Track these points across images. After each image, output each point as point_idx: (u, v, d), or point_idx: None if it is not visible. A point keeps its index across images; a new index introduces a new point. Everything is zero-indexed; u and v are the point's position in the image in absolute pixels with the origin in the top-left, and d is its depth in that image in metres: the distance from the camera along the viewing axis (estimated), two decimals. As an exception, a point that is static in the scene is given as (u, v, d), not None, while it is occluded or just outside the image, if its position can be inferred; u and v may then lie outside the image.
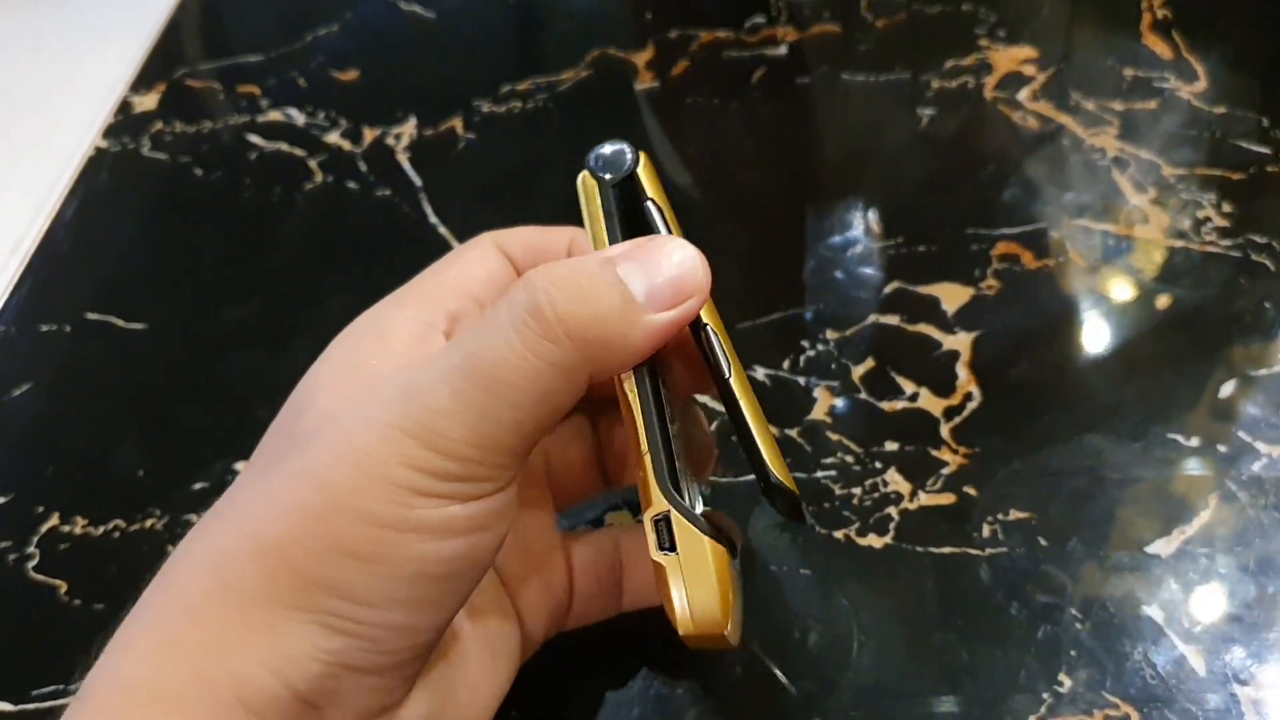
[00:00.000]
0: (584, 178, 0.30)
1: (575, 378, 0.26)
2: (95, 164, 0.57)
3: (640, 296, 0.27)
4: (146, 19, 0.68)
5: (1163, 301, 0.45)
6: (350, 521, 0.25)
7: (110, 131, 0.58)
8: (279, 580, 0.25)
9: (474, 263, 0.31)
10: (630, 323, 0.26)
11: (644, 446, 0.28)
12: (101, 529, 0.41)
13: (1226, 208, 0.48)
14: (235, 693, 0.25)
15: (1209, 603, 0.35)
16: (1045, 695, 0.33)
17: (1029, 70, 0.55)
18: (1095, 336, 0.44)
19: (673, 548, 0.28)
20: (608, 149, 0.30)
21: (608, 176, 0.30)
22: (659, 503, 0.28)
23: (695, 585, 0.28)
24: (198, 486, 0.42)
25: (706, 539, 0.28)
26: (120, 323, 0.48)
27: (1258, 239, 0.46)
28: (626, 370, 0.28)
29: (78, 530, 0.41)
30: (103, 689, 0.25)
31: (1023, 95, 0.54)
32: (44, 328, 0.49)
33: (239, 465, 0.42)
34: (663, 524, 0.28)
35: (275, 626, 0.25)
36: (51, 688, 0.36)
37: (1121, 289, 0.45)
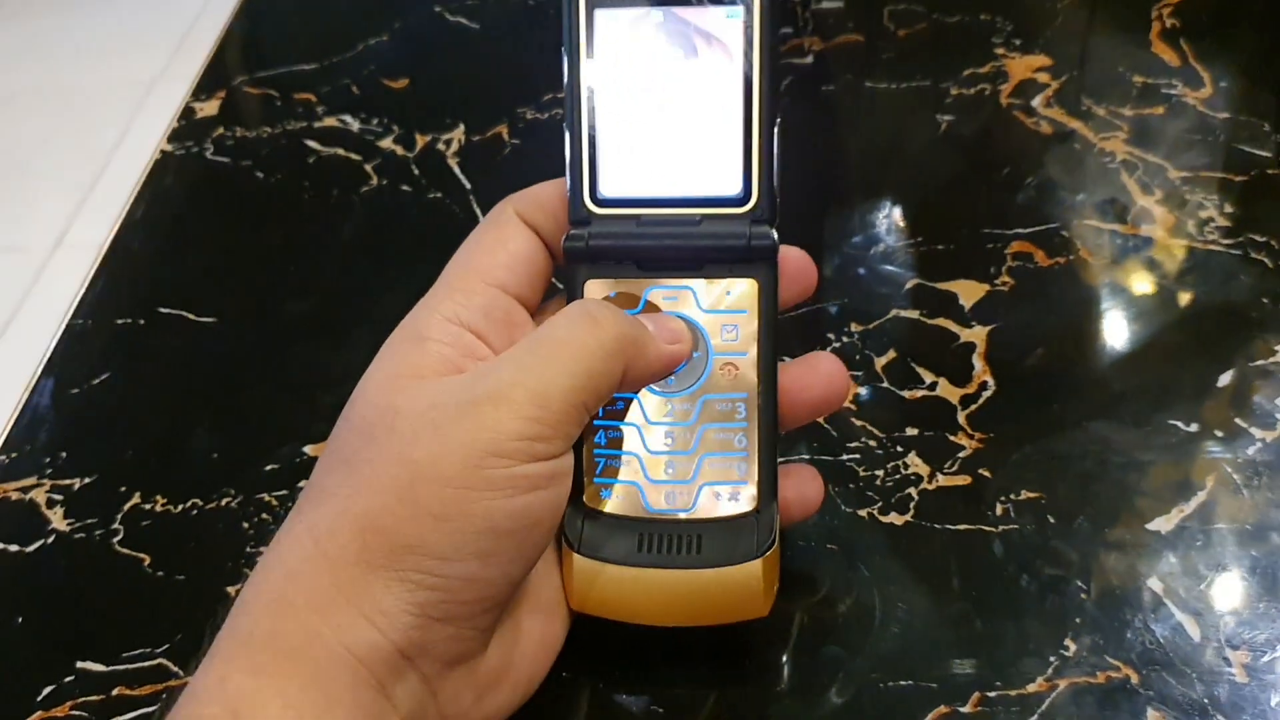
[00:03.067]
0: None
1: (614, 364, 0.32)
2: (161, 167, 0.60)
3: (652, 330, 0.34)
4: (205, 26, 0.72)
5: (1167, 297, 0.48)
6: (431, 486, 0.29)
7: (174, 136, 0.61)
8: (371, 546, 0.29)
9: (496, 247, 0.36)
10: (650, 339, 0.34)
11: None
12: (180, 507, 0.44)
13: (1229, 208, 0.51)
14: (343, 642, 0.29)
15: (1205, 575, 0.38)
16: (1052, 659, 0.36)
17: (1043, 78, 0.58)
18: (1103, 329, 0.47)
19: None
20: None
21: None
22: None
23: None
24: (268, 468, 0.45)
25: (574, 555, 0.35)
26: (191, 316, 0.52)
27: (1257, 238, 0.49)
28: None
29: (158, 508, 0.44)
30: (228, 644, 0.29)
31: (1037, 102, 0.57)
32: (119, 321, 0.52)
33: (306, 448, 0.45)
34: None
35: (371, 585, 0.29)
36: (139, 650, 0.39)
37: (1128, 285, 0.48)
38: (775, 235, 0.35)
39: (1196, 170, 0.53)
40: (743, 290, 0.35)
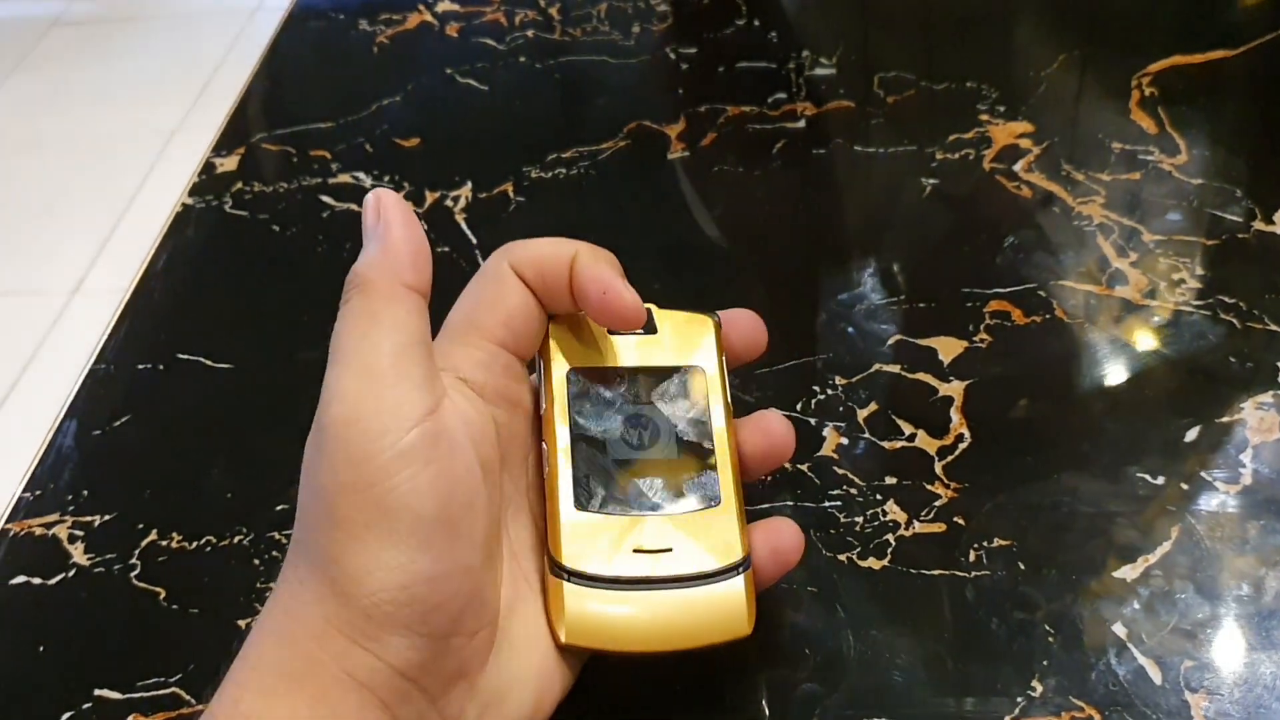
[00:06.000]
0: None
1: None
2: (182, 219, 0.62)
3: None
4: (224, 77, 0.75)
5: (1138, 355, 0.50)
6: (350, 496, 0.32)
7: (195, 190, 0.64)
8: (338, 578, 0.32)
9: (496, 304, 0.38)
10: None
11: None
12: (195, 544, 0.46)
13: (1199, 270, 0.53)
14: (343, 668, 0.31)
15: (1166, 621, 0.40)
16: (1019, 699, 0.38)
17: (1025, 143, 0.60)
18: (1075, 385, 0.49)
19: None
20: None
21: None
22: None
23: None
24: (278, 508, 0.47)
25: (563, 583, 0.37)
26: (208, 363, 0.54)
27: (1226, 299, 0.51)
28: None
29: (174, 545, 0.46)
30: (241, 670, 0.32)
31: (1018, 166, 0.59)
32: (140, 366, 0.54)
33: (316, 490, 0.47)
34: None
35: (352, 613, 0.31)
36: (153, 679, 0.41)
37: (1101, 343, 0.50)
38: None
39: (1170, 234, 0.55)
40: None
